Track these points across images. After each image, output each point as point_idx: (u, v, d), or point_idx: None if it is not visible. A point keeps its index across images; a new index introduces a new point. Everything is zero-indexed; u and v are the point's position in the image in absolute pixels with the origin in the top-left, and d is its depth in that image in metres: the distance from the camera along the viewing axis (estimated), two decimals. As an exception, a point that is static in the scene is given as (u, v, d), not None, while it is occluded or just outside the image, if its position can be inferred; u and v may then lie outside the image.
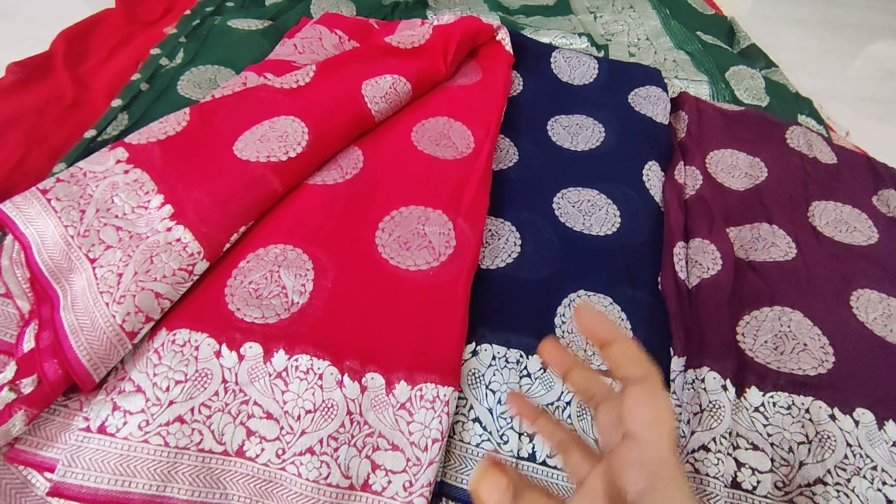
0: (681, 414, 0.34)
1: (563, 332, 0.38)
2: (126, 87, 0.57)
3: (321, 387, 0.33)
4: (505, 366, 0.36)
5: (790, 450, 0.33)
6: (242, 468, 0.31)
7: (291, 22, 0.67)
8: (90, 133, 0.51)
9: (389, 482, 0.31)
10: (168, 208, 0.38)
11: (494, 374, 0.35)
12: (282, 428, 0.32)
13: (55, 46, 0.68)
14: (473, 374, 0.35)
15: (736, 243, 0.45)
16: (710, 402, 0.33)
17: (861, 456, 0.32)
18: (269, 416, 0.32)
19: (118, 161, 0.41)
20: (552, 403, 0.35)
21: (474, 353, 0.36)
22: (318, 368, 0.34)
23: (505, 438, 0.33)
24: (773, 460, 0.32)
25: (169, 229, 0.37)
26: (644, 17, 0.80)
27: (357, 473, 0.31)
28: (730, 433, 0.32)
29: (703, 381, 0.34)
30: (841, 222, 0.48)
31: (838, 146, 0.58)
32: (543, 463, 0.33)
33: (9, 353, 0.34)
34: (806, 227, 0.48)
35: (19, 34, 0.77)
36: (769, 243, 0.45)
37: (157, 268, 0.35)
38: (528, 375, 0.36)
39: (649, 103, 0.58)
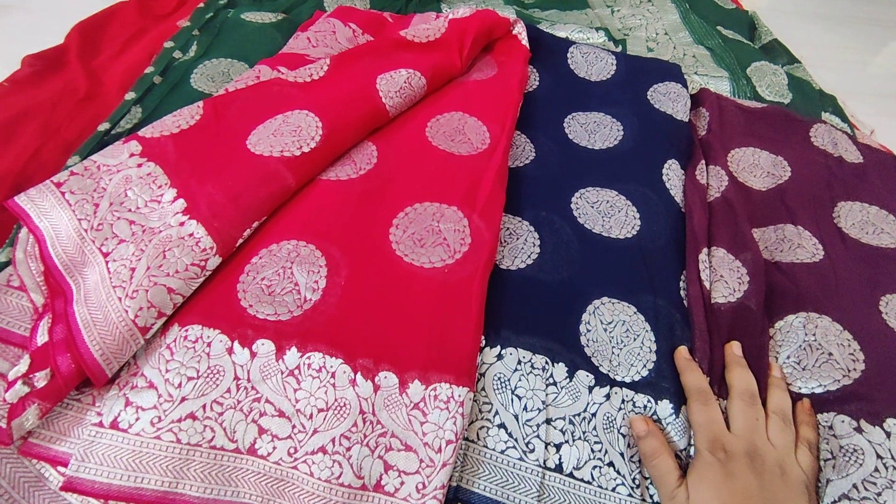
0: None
1: (588, 340, 0.37)
2: (139, 81, 0.57)
3: (334, 385, 0.33)
4: (531, 371, 0.35)
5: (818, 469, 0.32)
6: (254, 466, 0.31)
7: (305, 15, 0.67)
8: (104, 126, 0.51)
9: (402, 483, 0.31)
10: (181, 202, 0.38)
11: (520, 380, 0.35)
12: (294, 426, 0.32)
13: (69, 39, 0.68)
14: (499, 378, 0.35)
15: (760, 245, 0.43)
16: None
17: (895, 468, 0.31)
18: (282, 414, 0.32)
19: (132, 154, 0.41)
20: (578, 414, 0.34)
21: (499, 356, 0.35)
22: (331, 366, 0.33)
23: (531, 447, 0.33)
24: None
25: (182, 224, 0.36)
26: (663, 11, 0.79)
27: (369, 474, 0.31)
28: None
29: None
30: (868, 224, 0.47)
31: (864, 145, 0.56)
32: (570, 475, 0.32)
33: (23, 347, 0.34)
34: (831, 228, 0.46)
35: (35, 26, 0.78)
36: (795, 245, 0.44)
37: (169, 263, 0.34)
38: (555, 384, 0.35)
39: (669, 100, 0.57)
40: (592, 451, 0.33)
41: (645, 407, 0.35)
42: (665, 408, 0.34)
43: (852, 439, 0.32)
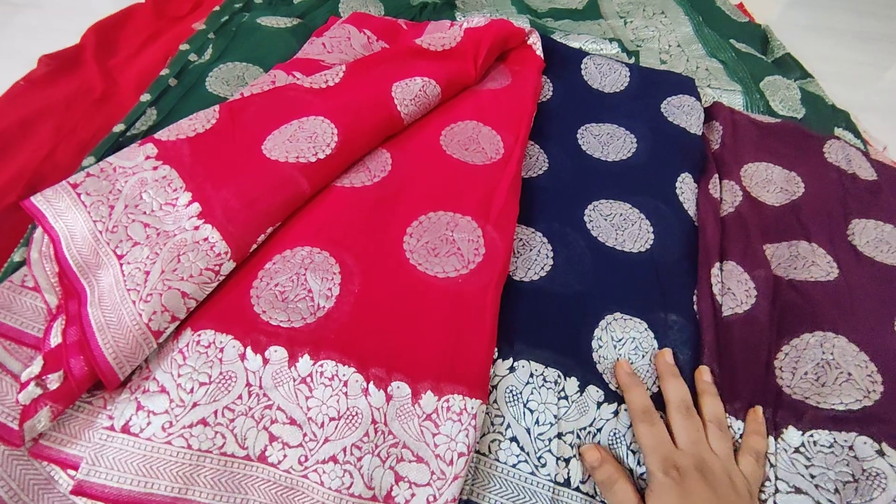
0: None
1: (600, 356, 0.37)
2: (155, 83, 0.57)
3: (346, 394, 0.33)
4: (542, 384, 0.35)
5: (836, 490, 0.31)
6: (264, 474, 0.31)
7: (320, 20, 0.67)
8: (119, 127, 0.52)
9: (413, 495, 0.30)
10: (196, 206, 0.38)
11: (532, 393, 0.34)
12: (305, 434, 0.32)
13: (85, 40, 0.69)
14: (511, 391, 0.34)
15: (774, 261, 0.43)
16: None
17: (916, 494, 0.30)
18: (293, 421, 0.32)
19: (147, 157, 0.41)
20: (584, 428, 0.34)
21: (511, 369, 0.35)
22: (344, 375, 0.33)
23: (542, 461, 0.32)
24: (818, 503, 0.31)
25: (196, 228, 0.36)
26: (676, 23, 0.79)
27: (380, 484, 0.31)
28: (769, 478, 0.31)
29: (730, 427, 0.34)
30: (882, 242, 0.47)
31: (878, 162, 0.56)
32: (577, 489, 0.32)
33: (36, 347, 0.34)
34: (846, 245, 0.46)
35: (48, 25, 0.79)
36: (809, 262, 0.43)
37: (184, 267, 0.34)
38: (566, 398, 0.35)
39: (682, 113, 0.57)
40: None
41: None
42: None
43: (875, 463, 0.31)
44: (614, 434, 0.34)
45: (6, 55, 0.72)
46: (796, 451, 0.33)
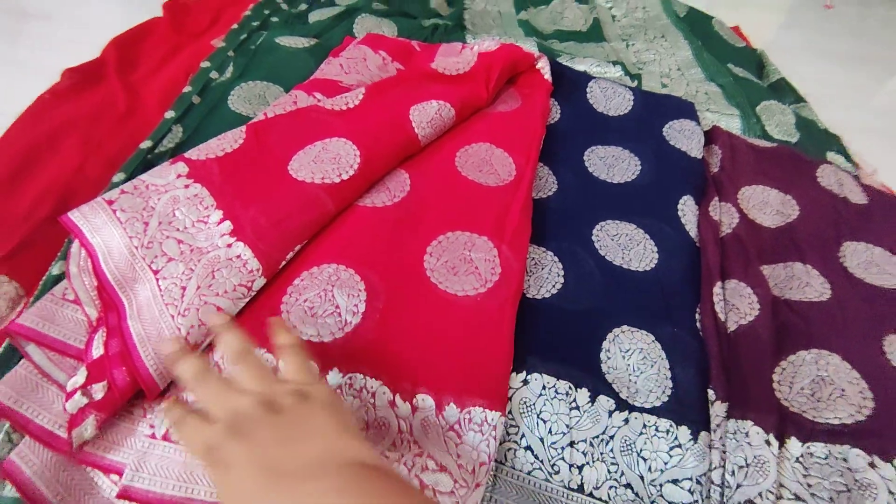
0: (724, 462, 0.35)
1: (608, 367, 0.39)
2: (178, 100, 0.59)
3: (374, 405, 0.35)
4: (555, 396, 0.37)
5: (831, 499, 0.34)
6: (296, 481, 0.33)
7: (335, 40, 0.69)
8: (146, 144, 0.53)
9: (437, 503, 0.32)
10: (227, 224, 0.40)
11: (545, 404, 0.37)
12: (334, 444, 0.34)
13: (106, 54, 0.71)
14: (525, 402, 0.37)
15: (770, 281, 0.46)
16: (755, 456, 0.34)
17: (904, 505, 0.33)
18: (323, 431, 0.34)
19: (179, 175, 0.43)
20: (597, 437, 0.36)
21: (525, 381, 0.37)
22: (371, 387, 0.35)
23: (556, 468, 0.35)
24: None
25: (229, 245, 0.39)
26: (676, 47, 0.82)
27: (405, 492, 0.33)
28: (775, 485, 0.33)
29: (746, 434, 0.36)
30: (872, 264, 0.49)
31: (868, 186, 0.59)
32: (590, 495, 0.34)
33: (77, 358, 0.36)
34: (838, 267, 0.49)
35: (58, 36, 0.80)
36: (804, 283, 0.46)
37: (218, 283, 0.36)
38: (577, 408, 0.37)
39: (684, 137, 0.59)
40: (609, 471, 0.35)
41: (668, 431, 0.37)
42: (684, 433, 0.37)
43: (866, 474, 0.34)
44: (625, 441, 0.36)
45: (18, 65, 0.74)
46: (797, 460, 0.35)
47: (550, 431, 0.36)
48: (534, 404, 0.37)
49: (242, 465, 0.25)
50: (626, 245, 0.47)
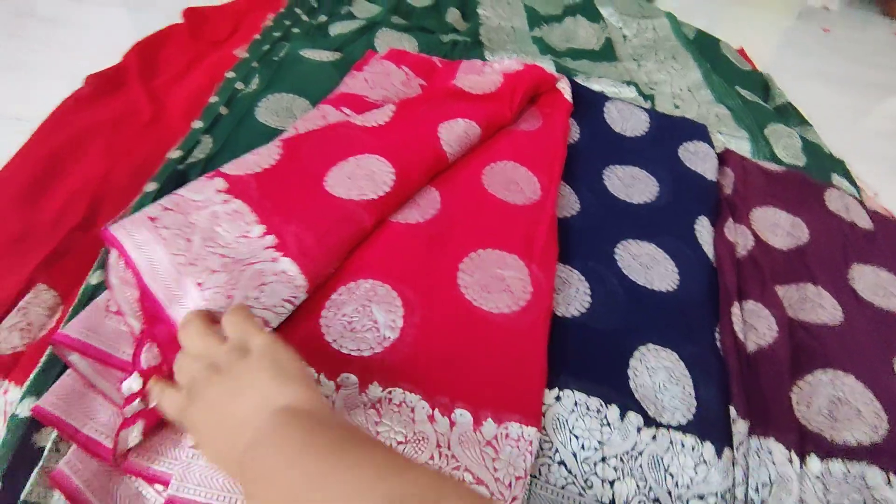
0: (747, 479, 0.36)
1: (637, 385, 0.41)
2: (206, 110, 0.60)
3: (413, 420, 0.36)
4: (586, 412, 0.38)
5: None
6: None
7: (357, 53, 0.71)
8: (176, 154, 0.54)
9: (475, 515, 0.34)
10: (271, 238, 0.41)
11: (577, 420, 0.38)
12: (375, 457, 0.35)
13: (128, 60, 0.71)
14: (558, 418, 0.38)
15: (784, 302, 0.48)
16: (778, 474, 0.36)
17: (920, 523, 0.35)
18: (364, 444, 0.35)
19: (217, 191, 0.43)
20: (627, 452, 0.38)
21: (557, 398, 0.39)
22: (411, 402, 0.36)
23: (589, 483, 0.36)
24: None
25: (274, 259, 0.39)
26: (686, 68, 0.84)
27: (445, 505, 0.34)
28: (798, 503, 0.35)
29: (770, 452, 0.37)
30: (878, 287, 0.52)
31: (873, 211, 0.62)
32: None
33: (121, 369, 0.37)
34: (847, 289, 0.51)
35: (67, 40, 0.81)
36: (816, 304, 0.48)
37: (266, 296, 0.37)
38: (608, 424, 0.38)
39: (698, 159, 0.61)
40: (638, 486, 0.37)
41: (693, 448, 0.38)
42: (709, 450, 0.38)
43: (884, 492, 0.36)
44: (654, 457, 0.38)
45: (27, 69, 0.75)
46: (817, 478, 0.37)
47: (583, 447, 0.37)
48: (566, 420, 0.38)
49: (202, 425, 0.29)
50: (647, 265, 0.49)
